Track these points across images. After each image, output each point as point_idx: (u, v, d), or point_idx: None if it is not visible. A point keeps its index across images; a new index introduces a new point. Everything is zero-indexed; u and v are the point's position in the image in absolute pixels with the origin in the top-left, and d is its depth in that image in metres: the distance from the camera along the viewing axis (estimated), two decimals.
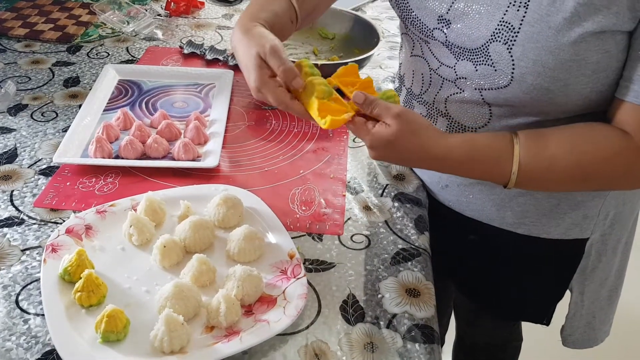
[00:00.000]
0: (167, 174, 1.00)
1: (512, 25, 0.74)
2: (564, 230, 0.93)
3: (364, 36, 1.30)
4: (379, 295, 0.82)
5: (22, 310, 0.77)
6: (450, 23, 0.81)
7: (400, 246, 0.89)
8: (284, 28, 0.90)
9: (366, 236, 0.91)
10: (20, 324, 0.75)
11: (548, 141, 0.76)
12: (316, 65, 1.16)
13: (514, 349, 1.35)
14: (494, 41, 0.76)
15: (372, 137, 0.76)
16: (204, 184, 0.97)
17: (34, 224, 0.89)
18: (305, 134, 1.12)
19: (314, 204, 0.96)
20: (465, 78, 0.83)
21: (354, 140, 1.11)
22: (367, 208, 0.96)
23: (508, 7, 0.74)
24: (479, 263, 1.04)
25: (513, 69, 0.75)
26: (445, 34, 0.83)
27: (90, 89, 1.18)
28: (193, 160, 1.02)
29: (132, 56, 1.35)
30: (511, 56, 0.75)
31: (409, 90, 0.97)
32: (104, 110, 1.14)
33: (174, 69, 1.29)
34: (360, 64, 1.22)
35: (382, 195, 0.99)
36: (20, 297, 0.78)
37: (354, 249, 0.88)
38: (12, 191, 0.95)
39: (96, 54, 1.35)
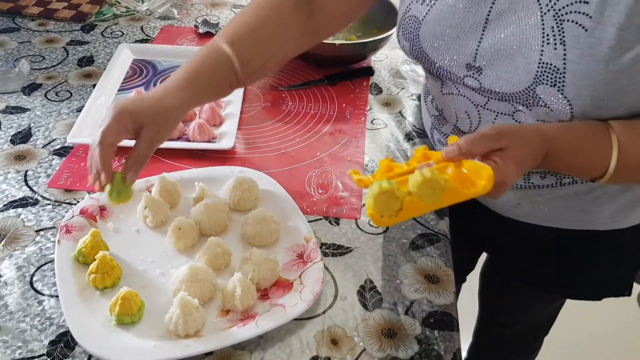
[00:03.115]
0: (181, 155, 0.98)
1: (555, 67, 0.69)
2: None
3: (382, 15, 1.27)
4: (397, 281, 0.80)
5: (36, 291, 0.76)
6: (481, 70, 0.77)
7: (419, 231, 0.87)
8: (216, 93, 0.85)
9: None
10: (34, 305, 0.75)
11: None
12: (334, 44, 1.14)
13: (541, 341, 1.34)
14: (539, 84, 0.71)
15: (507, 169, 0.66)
16: (219, 165, 0.96)
17: (48, 204, 0.89)
18: (322, 115, 1.10)
19: (330, 187, 0.94)
20: (524, 112, 0.77)
21: (372, 122, 1.09)
22: None
23: (542, 46, 0.70)
24: (556, 257, 1.00)
25: (571, 109, 0.70)
26: (479, 81, 0.78)
27: (104, 69, 1.17)
28: (208, 141, 1.00)
29: (146, 35, 1.34)
30: (565, 97, 0.70)
31: (455, 127, 0.91)
32: (119, 90, 1.13)
33: (189, 48, 1.27)
34: (379, 43, 1.19)
35: None
36: (34, 278, 0.78)
37: (372, 234, 0.87)
38: (27, 171, 0.94)
39: (110, 33, 1.34)
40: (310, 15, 0.87)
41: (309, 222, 0.85)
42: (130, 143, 0.75)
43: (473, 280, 1.37)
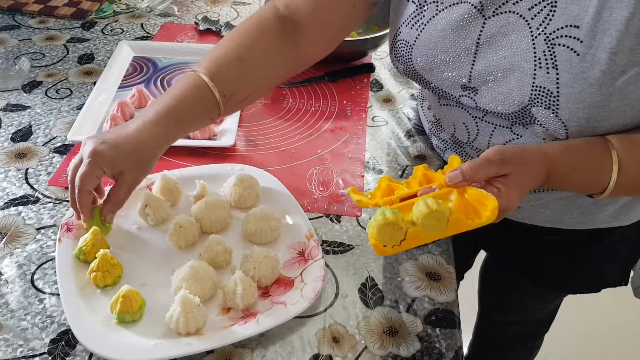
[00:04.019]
0: (182, 152, 0.98)
1: (549, 90, 0.70)
2: None
3: (383, 13, 1.26)
4: (399, 279, 0.80)
5: (37, 289, 0.76)
6: (477, 90, 0.77)
7: None
8: (197, 126, 0.88)
9: None
10: (35, 303, 0.75)
11: None
12: None
13: (541, 339, 1.34)
14: (534, 106, 0.72)
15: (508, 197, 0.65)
16: (220, 163, 0.96)
17: (49, 202, 0.89)
18: (322, 113, 1.10)
19: (331, 185, 0.94)
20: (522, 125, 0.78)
21: (372, 119, 1.08)
22: None
23: (535, 70, 0.70)
24: (557, 256, 1.00)
25: (566, 130, 0.71)
26: (474, 100, 0.78)
27: (104, 66, 1.17)
28: (209, 139, 1.00)
29: (147, 32, 1.33)
30: (560, 119, 0.70)
31: (453, 136, 0.91)
32: (119, 88, 1.13)
33: (190, 45, 1.26)
34: (379, 40, 1.19)
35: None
36: (35, 277, 0.78)
37: None
38: (27, 169, 0.94)
39: (111, 30, 1.33)
40: (295, 44, 0.85)
41: (309, 219, 0.85)
42: None
43: (474, 277, 1.37)
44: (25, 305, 0.74)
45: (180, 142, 0.98)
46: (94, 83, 1.13)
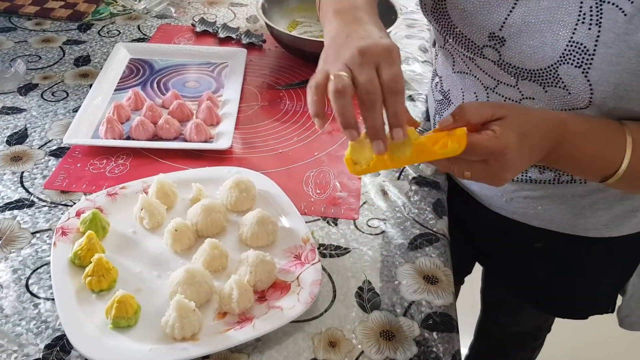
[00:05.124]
0: (178, 155, 0.98)
1: (585, 47, 0.67)
2: (634, 225, 0.89)
3: (380, 13, 1.25)
4: (396, 282, 0.80)
5: (32, 294, 0.76)
6: (505, 41, 0.73)
7: (417, 231, 0.87)
8: None
9: (382, 221, 0.88)
10: (30, 308, 0.74)
11: None
12: None
13: (543, 339, 1.34)
14: (564, 63, 0.69)
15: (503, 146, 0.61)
16: (216, 166, 0.95)
17: (45, 206, 0.88)
18: None
19: (328, 187, 0.93)
20: (533, 98, 0.75)
21: None
22: (383, 192, 0.93)
23: (576, 24, 0.67)
24: (546, 269, 0.99)
25: (591, 93, 0.68)
26: (499, 52, 0.75)
27: (101, 68, 1.16)
28: (205, 141, 1.00)
29: (143, 34, 1.33)
30: (588, 81, 0.68)
31: None
32: (115, 90, 1.12)
33: (186, 47, 1.26)
34: None
35: (399, 178, 0.96)
36: (30, 281, 0.77)
37: (370, 234, 0.86)
38: (22, 172, 0.94)
39: (107, 32, 1.33)
40: None
41: (306, 222, 0.85)
42: (131, 144, 0.74)
43: (474, 278, 1.37)
44: (19, 310, 0.74)
45: (177, 144, 0.98)
46: (90, 85, 1.12)
